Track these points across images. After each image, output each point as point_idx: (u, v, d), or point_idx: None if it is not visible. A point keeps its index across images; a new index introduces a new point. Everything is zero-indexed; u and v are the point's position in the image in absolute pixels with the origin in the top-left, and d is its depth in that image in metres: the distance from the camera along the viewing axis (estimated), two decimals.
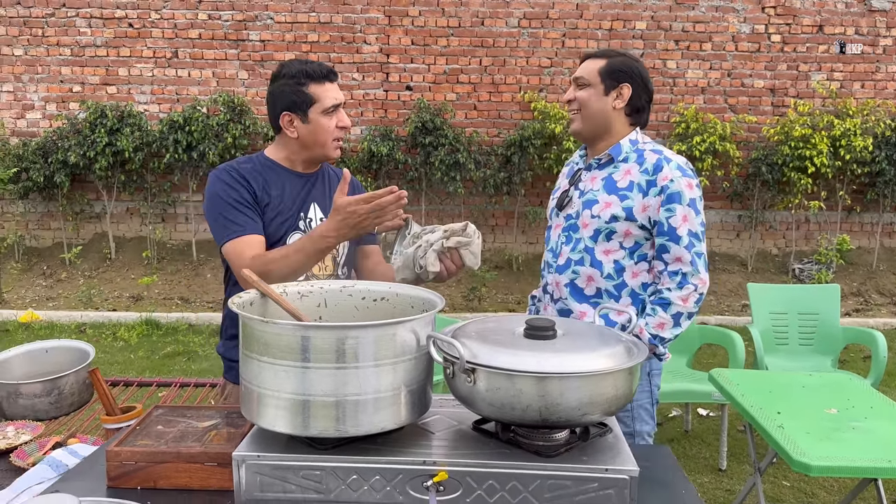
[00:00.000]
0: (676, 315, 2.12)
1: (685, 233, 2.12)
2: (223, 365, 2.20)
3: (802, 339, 4.55)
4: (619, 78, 2.20)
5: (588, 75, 2.22)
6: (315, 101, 2.00)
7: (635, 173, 2.17)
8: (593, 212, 2.19)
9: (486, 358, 1.25)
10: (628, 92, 2.20)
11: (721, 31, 8.17)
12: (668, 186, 2.11)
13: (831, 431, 2.53)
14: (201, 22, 8.09)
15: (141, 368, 5.54)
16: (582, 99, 2.23)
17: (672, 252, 2.13)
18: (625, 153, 2.21)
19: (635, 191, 2.15)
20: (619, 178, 2.19)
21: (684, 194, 2.12)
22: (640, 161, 2.18)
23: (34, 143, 7.84)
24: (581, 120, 2.25)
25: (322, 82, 2.01)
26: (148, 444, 1.40)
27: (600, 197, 2.19)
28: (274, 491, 1.27)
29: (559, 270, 2.27)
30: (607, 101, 2.21)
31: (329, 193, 2.15)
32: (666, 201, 2.11)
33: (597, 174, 2.25)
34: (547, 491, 1.24)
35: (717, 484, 3.73)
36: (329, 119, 2.02)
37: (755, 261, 8.34)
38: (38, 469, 1.73)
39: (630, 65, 2.21)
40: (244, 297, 1.45)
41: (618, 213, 2.14)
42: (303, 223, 2.07)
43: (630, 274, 2.19)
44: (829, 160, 7.65)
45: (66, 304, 7.35)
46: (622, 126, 2.24)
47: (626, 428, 2.18)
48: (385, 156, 7.75)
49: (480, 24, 8.16)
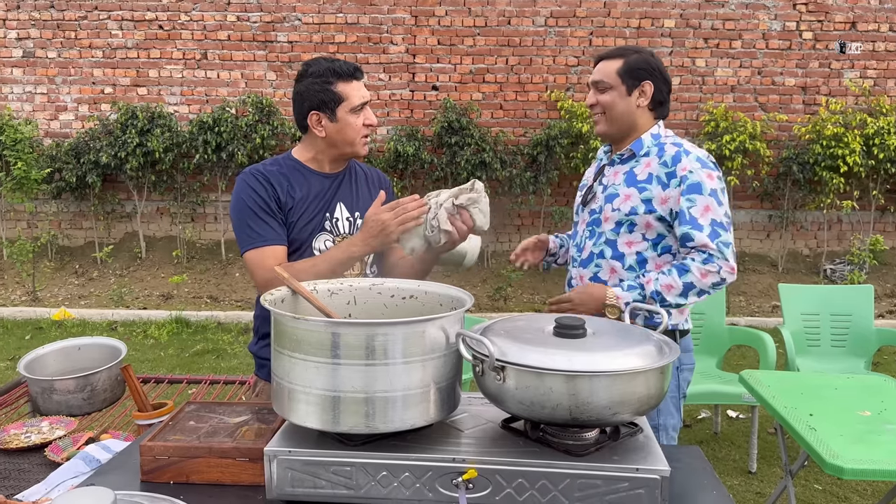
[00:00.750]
0: (688, 285, 2.08)
1: (708, 222, 2.09)
2: (255, 363, 2.22)
3: (835, 341, 4.47)
4: (639, 76, 2.19)
5: (607, 78, 2.22)
6: (343, 100, 2.01)
7: (654, 166, 2.17)
8: (614, 205, 2.20)
9: (516, 356, 1.25)
10: (650, 89, 2.20)
11: (751, 28, 8.07)
12: (688, 177, 2.10)
13: (865, 434, 2.49)
14: (230, 24, 8.18)
15: (171, 366, 5.61)
16: (605, 102, 2.23)
17: (696, 240, 2.09)
18: (646, 147, 2.21)
19: (654, 183, 2.14)
20: (640, 172, 2.19)
21: (705, 184, 2.10)
22: (660, 154, 2.18)
23: (67, 144, 7.98)
24: (606, 122, 2.25)
25: (349, 80, 2.02)
26: (180, 440, 1.42)
27: (621, 190, 2.20)
28: (304, 486, 1.28)
29: (583, 265, 2.29)
30: (631, 100, 2.20)
31: (357, 192, 2.15)
32: (686, 191, 2.10)
33: (619, 169, 2.26)
34: (577, 490, 1.23)
35: (748, 486, 3.68)
36: (357, 117, 2.03)
37: (786, 261, 8.23)
38: (71, 464, 1.76)
39: (647, 60, 2.21)
40: (276, 294, 1.46)
41: (636, 205, 2.15)
42: (329, 223, 2.07)
43: (653, 266, 2.18)
44: (861, 159, 7.52)
45: (97, 302, 7.47)
46: (646, 121, 2.24)
47: (652, 421, 2.16)
48: (411, 156, 7.77)
49: (507, 24, 8.15)
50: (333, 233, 2.07)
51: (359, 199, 2.15)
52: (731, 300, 7.45)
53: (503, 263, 8.16)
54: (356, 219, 2.11)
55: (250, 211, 1.97)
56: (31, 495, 1.65)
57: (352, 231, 2.09)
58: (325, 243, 2.04)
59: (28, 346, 5.90)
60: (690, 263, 2.08)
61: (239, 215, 1.99)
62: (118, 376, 2.40)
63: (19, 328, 6.68)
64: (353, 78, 2.03)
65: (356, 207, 2.13)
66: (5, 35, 8.25)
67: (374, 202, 1.89)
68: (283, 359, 1.30)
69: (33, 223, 8.37)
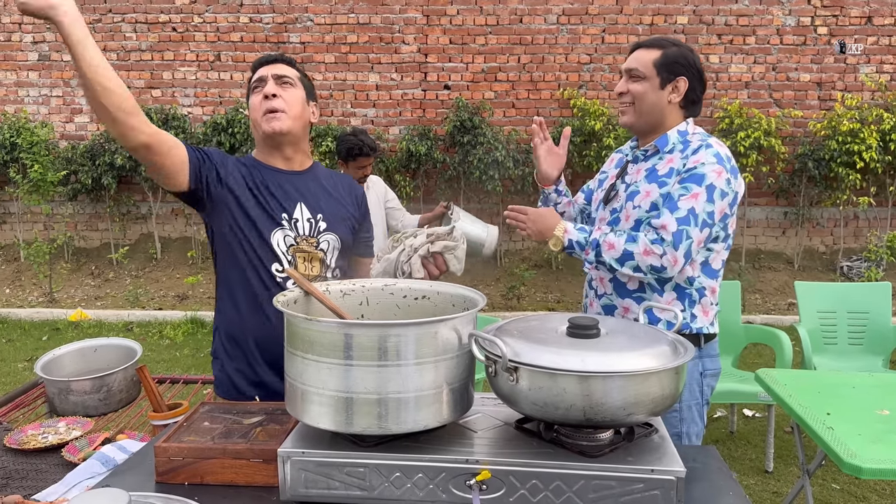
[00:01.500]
0: (628, 253, 2.01)
1: (686, 207, 1.99)
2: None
3: (852, 339, 4.43)
4: (675, 71, 2.10)
5: (642, 67, 2.12)
6: (253, 86, 2.02)
7: (676, 161, 2.09)
8: (635, 203, 2.12)
9: (529, 356, 1.24)
10: (685, 85, 2.11)
11: (765, 24, 8.01)
12: (696, 168, 2.02)
13: (883, 433, 2.46)
14: (243, 25, 8.21)
15: (186, 366, 5.64)
16: (636, 92, 2.13)
17: (662, 219, 2.00)
18: (671, 144, 2.13)
19: (673, 176, 2.07)
20: (661, 168, 2.11)
21: (707, 177, 2.01)
22: (684, 150, 2.10)
23: (82, 147, 8.05)
24: (634, 113, 2.16)
25: (261, 66, 2.03)
26: (195, 441, 1.42)
27: (642, 187, 2.13)
28: (318, 487, 1.28)
29: None
30: (662, 94, 2.11)
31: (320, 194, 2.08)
32: (685, 179, 2.02)
33: (642, 166, 2.18)
34: (591, 491, 1.23)
35: (764, 486, 3.65)
36: (255, 95, 2.00)
37: (802, 259, 8.16)
38: (88, 464, 1.78)
39: (686, 56, 2.11)
40: (288, 295, 1.46)
41: (657, 200, 2.07)
42: (286, 222, 1.99)
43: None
44: (878, 155, 7.45)
45: (113, 303, 7.53)
46: (675, 118, 2.16)
47: (674, 429, 2.12)
48: (423, 155, 7.77)
49: (519, 22, 8.13)
50: (293, 232, 1.99)
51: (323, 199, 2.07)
52: (746, 298, 7.40)
53: (516, 262, 8.14)
54: (318, 220, 2.03)
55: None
56: (48, 495, 1.67)
57: (312, 233, 2.02)
58: (285, 238, 1.98)
59: (45, 347, 5.96)
60: (640, 237, 2.02)
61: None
62: (134, 377, 2.42)
63: (36, 329, 6.74)
64: (265, 63, 2.02)
65: (319, 209, 2.05)
66: (21, 39, 8.33)
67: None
68: (296, 360, 1.30)
69: (50, 225, 8.45)
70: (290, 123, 1.98)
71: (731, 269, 7.87)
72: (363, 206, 2.20)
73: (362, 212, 2.19)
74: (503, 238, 8.34)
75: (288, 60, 2.05)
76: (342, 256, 2.09)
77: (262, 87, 1.98)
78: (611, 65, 8.10)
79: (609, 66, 8.09)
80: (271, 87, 1.96)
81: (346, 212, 2.11)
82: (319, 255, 2.01)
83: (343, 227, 2.08)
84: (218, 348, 2.09)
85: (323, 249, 2.03)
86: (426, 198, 8.24)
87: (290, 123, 1.98)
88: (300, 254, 1.99)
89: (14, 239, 8.47)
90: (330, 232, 2.04)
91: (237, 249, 1.98)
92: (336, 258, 2.06)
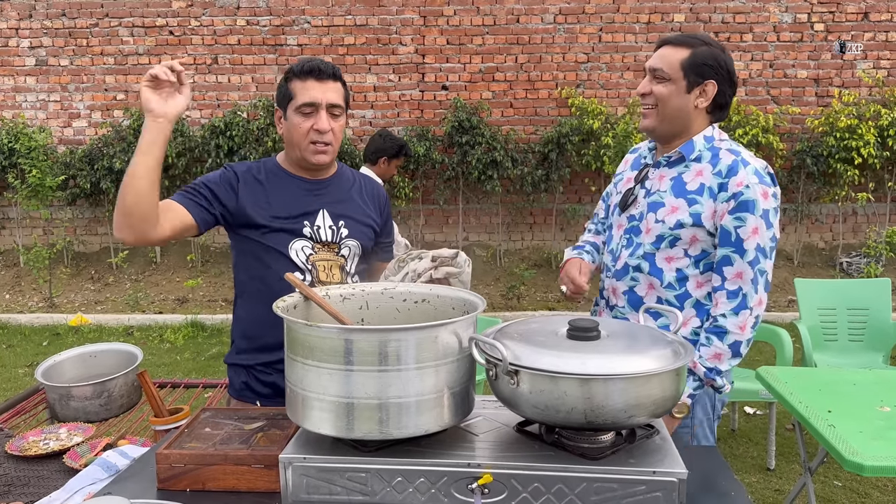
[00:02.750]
0: (735, 345, 1.92)
1: (753, 247, 1.89)
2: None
3: (852, 335, 4.43)
4: (704, 73, 1.93)
5: (668, 68, 1.95)
6: (292, 98, 1.94)
7: (707, 175, 1.94)
8: (658, 216, 1.99)
9: (529, 360, 1.24)
10: (713, 90, 1.95)
11: (762, 21, 8.01)
12: (742, 193, 1.88)
13: (885, 430, 2.46)
14: (240, 28, 8.21)
15: (187, 370, 5.64)
16: (661, 95, 1.97)
17: (735, 266, 1.91)
18: (697, 151, 1.99)
19: (706, 195, 1.93)
20: (690, 180, 1.97)
21: (758, 203, 1.89)
22: (714, 161, 1.96)
23: (81, 151, 8.05)
24: (657, 117, 2.00)
25: (304, 79, 1.93)
26: (196, 447, 1.42)
27: (667, 200, 1.99)
28: (320, 493, 1.28)
29: (617, 276, 2.10)
30: (689, 98, 1.95)
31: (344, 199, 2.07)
32: (736, 209, 1.89)
33: (665, 173, 2.04)
34: (593, 494, 1.23)
35: (766, 484, 3.65)
36: (302, 119, 1.93)
37: (801, 255, 8.16)
38: (90, 470, 1.77)
39: (717, 56, 1.95)
40: (288, 300, 1.46)
41: (684, 220, 1.94)
42: (308, 230, 1.99)
43: (694, 284, 1.99)
44: (876, 150, 7.45)
45: (113, 307, 7.53)
46: (701, 124, 2.00)
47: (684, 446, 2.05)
48: (422, 156, 7.77)
49: (516, 22, 8.13)
50: (314, 240, 1.99)
51: (346, 206, 2.06)
52: None
53: (516, 262, 8.14)
54: (340, 227, 2.03)
55: (200, 182, 1.99)
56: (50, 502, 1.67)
57: (334, 239, 2.02)
58: (304, 249, 1.98)
59: (45, 352, 5.96)
60: (725, 322, 1.92)
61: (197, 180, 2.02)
62: (135, 382, 2.42)
63: (37, 335, 6.74)
64: (309, 76, 1.92)
65: (341, 215, 2.04)
66: (18, 44, 8.32)
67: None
68: (297, 366, 1.30)
69: (49, 230, 8.44)
70: (333, 156, 2.01)
71: None
72: (385, 210, 2.19)
73: (384, 216, 2.18)
74: (503, 238, 8.35)
75: (339, 76, 1.98)
76: (362, 262, 2.09)
77: (313, 114, 1.92)
78: (608, 63, 8.10)
79: (606, 64, 8.09)
80: (325, 122, 1.92)
81: (368, 217, 2.11)
82: (340, 261, 2.02)
83: (364, 233, 2.08)
84: (234, 352, 2.10)
85: (344, 255, 2.03)
86: (425, 198, 8.24)
87: (333, 156, 2.00)
88: (320, 262, 1.99)
89: (13, 244, 8.47)
90: (352, 238, 2.04)
91: (255, 260, 1.99)
92: (356, 264, 2.07)
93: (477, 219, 8.40)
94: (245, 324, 2.06)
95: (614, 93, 8.12)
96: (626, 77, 8.09)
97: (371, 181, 2.22)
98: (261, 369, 2.03)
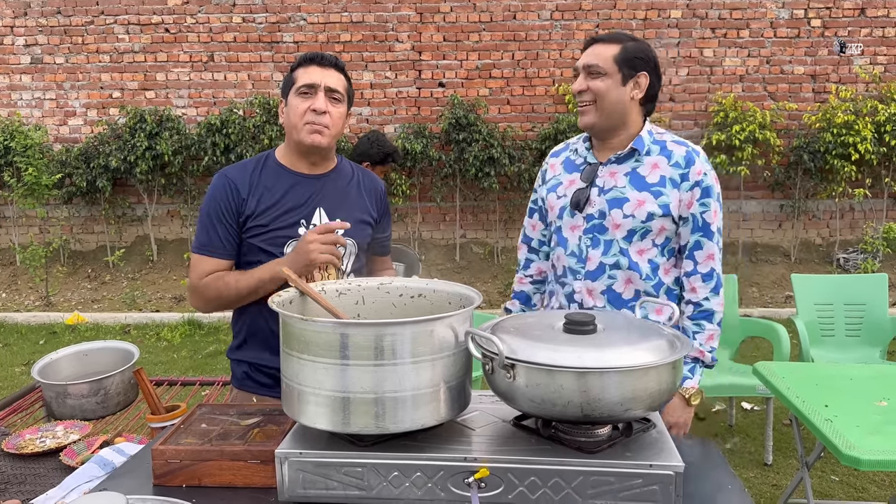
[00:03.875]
0: (720, 322, 2.09)
1: (715, 228, 2.06)
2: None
3: (849, 331, 4.44)
4: (636, 66, 2.03)
5: (603, 63, 2.02)
6: (294, 83, 1.97)
7: (664, 167, 2.04)
8: (625, 211, 2.04)
9: (526, 353, 1.24)
10: (646, 81, 2.04)
11: (759, 17, 8.01)
12: (703, 180, 2.03)
13: (882, 424, 2.46)
14: (236, 25, 8.19)
15: (184, 368, 5.63)
16: (598, 90, 2.03)
17: (705, 249, 2.05)
18: (647, 146, 2.07)
19: (668, 185, 2.03)
20: (647, 173, 2.05)
21: (714, 188, 2.05)
22: (667, 154, 2.05)
23: (76, 149, 8.03)
24: (596, 113, 2.06)
25: (307, 66, 1.96)
26: (192, 443, 1.42)
27: (630, 195, 2.04)
28: (316, 488, 1.28)
29: (590, 277, 2.10)
30: (625, 91, 2.03)
31: (342, 196, 2.06)
32: (701, 195, 2.03)
33: (616, 169, 2.09)
34: (590, 487, 1.23)
35: (763, 479, 3.66)
36: (300, 100, 1.94)
37: (798, 251, 8.17)
38: (86, 468, 1.77)
39: (646, 50, 2.06)
40: (283, 295, 1.46)
41: (654, 211, 2.02)
42: (304, 229, 1.98)
43: (663, 271, 2.09)
44: (873, 146, 7.46)
45: (110, 305, 7.52)
46: (636, 116, 2.09)
47: None
48: (419, 153, 7.77)
49: (512, 18, 8.12)
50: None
51: (343, 204, 2.05)
52: (743, 291, 7.41)
53: (513, 259, 8.14)
54: None
55: (209, 216, 1.98)
56: (46, 500, 1.66)
57: None
58: None
59: (42, 350, 5.95)
60: (709, 304, 2.06)
61: (201, 214, 2.01)
62: (131, 379, 2.41)
63: (33, 333, 6.73)
64: (311, 63, 1.96)
65: (338, 213, 2.03)
66: (13, 42, 8.30)
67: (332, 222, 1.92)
68: (292, 360, 1.30)
69: (45, 228, 8.42)
70: (330, 140, 1.99)
71: (727, 262, 7.88)
72: (382, 205, 2.18)
73: (381, 211, 2.17)
74: (500, 235, 8.34)
75: (341, 67, 2.01)
76: (358, 260, 2.08)
77: (311, 95, 1.94)
78: None
79: None
80: (322, 102, 1.94)
81: (365, 214, 2.09)
82: (336, 263, 1.99)
83: (361, 231, 2.07)
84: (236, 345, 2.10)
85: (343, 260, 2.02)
86: (422, 196, 8.24)
87: (329, 140, 1.99)
88: None
89: (9, 243, 8.45)
90: (348, 237, 2.02)
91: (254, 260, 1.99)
92: (352, 262, 2.06)
93: (474, 216, 8.39)
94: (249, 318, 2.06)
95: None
96: None
97: (370, 175, 2.21)
98: (263, 362, 2.03)
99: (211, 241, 1.97)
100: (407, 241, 8.19)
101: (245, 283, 1.92)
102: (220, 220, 1.97)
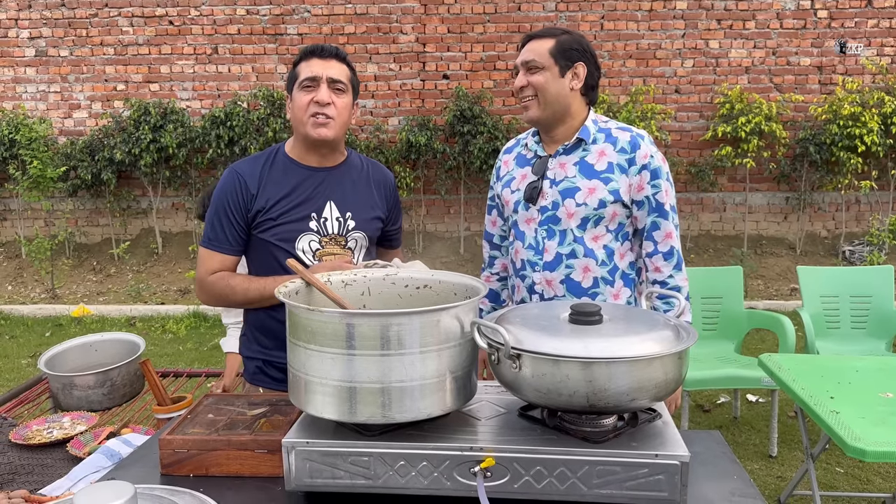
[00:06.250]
0: (688, 296, 2.14)
1: (668, 207, 2.12)
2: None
3: (855, 323, 4.43)
4: (572, 57, 2.07)
5: (539, 58, 2.08)
6: (297, 77, 1.97)
7: (611, 154, 2.09)
8: (577, 200, 2.09)
9: (532, 344, 1.24)
10: (583, 71, 2.09)
11: (765, 8, 7.97)
12: (650, 163, 2.09)
13: (887, 416, 2.46)
14: (240, 17, 8.18)
15: (190, 360, 5.65)
16: (538, 84, 2.08)
17: (662, 228, 2.12)
18: (593, 134, 2.12)
19: (617, 172, 2.08)
20: (595, 161, 2.10)
21: (662, 168, 2.11)
22: (612, 141, 2.11)
23: (81, 142, 8.04)
24: (538, 106, 2.11)
25: (309, 59, 1.96)
26: (199, 433, 1.43)
27: (581, 184, 2.09)
28: (323, 477, 1.28)
29: (548, 268, 2.14)
30: (564, 82, 2.08)
31: (351, 189, 2.05)
32: (651, 178, 2.09)
33: (565, 160, 2.14)
34: (596, 477, 1.23)
35: (768, 471, 3.66)
36: (304, 94, 1.95)
37: (804, 243, 8.15)
38: (93, 458, 1.78)
39: (580, 41, 2.11)
40: (290, 286, 1.46)
41: (605, 198, 2.07)
42: (315, 223, 1.99)
43: (618, 256, 2.14)
44: (879, 138, 7.42)
45: (115, 298, 7.54)
46: (580, 106, 2.14)
47: None
48: (423, 146, 7.75)
49: (517, 10, 8.09)
50: (321, 233, 1.99)
51: (353, 197, 2.05)
52: (749, 283, 7.39)
53: None
54: (347, 219, 2.03)
55: (217, 211, 2.00)
56: (54, 490, 1.67)
57: (341, 232, 2.01)
58: (311, 244, 1.98)
59: (48, 343, 5.97)
60: (674, 280, 2.13)
61: (210, 209, 2.02)
62: (137, 371, 2.42)
63: (39, 325, 6.75)
64: (312, 56, 1.96)
65: (348, 207, 2.03)
66: (18, 34, 8.30)
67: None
68: (299, 350, 1.30)
69: (50, 221, 8.45)
70: (336, 132, 1.98)
71: (733, 254, 7.87)
72: (393, 197, 2.18)
73: (391, 203, 2.17)
74: None
75: (343, 57, 2.00)
76: (368, 254, 2.09)
77: (314, 88, 1.94)
78: (610, 51, 8.07)
79: (608, 52, 8.05)
80: (325, 94, 1.93)
81: (375, 207, 2.10)
82: (347, 254, 2.02)
83: (371, 224, 2.08)
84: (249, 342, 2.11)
85: (351, 248, 2.03)
86: (426, 189, 8.23)
87: (336, 132, 1.98)
88: (326, 257, 1.99)
89: (15, 236, 8.48)
90: (358, 230, 2.04)
91: (265, 255, 2.00)
92: (363, 256, 2.06)
93: (478, 209, 8.38)
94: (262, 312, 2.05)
95: (616, 81, 8.08)
96: (629, 65, 8.06)
97: (379, 167, 2.21)
98: (275, 356, 2.04)
99: (217, 237, 1.99)
100: (411, 234, 8.19)
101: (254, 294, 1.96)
102: (228, 216, 1.98)
